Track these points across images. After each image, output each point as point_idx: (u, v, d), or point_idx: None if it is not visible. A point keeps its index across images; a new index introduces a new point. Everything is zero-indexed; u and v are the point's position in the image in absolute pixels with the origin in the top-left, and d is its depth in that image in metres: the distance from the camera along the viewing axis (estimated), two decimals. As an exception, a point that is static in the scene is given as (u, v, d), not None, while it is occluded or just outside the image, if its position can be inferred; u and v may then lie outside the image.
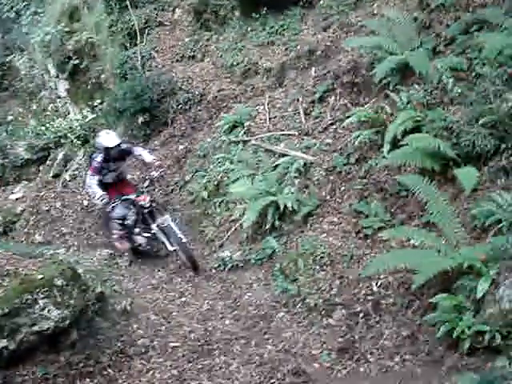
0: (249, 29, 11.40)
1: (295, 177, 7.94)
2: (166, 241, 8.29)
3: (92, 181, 8.45)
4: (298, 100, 9.18)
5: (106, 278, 7.09)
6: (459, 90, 7.08)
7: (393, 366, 5.44)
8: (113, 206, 8.58)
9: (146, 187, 8.73)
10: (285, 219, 7.73)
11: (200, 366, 5.77)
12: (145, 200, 8.37)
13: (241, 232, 8.24)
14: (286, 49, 10.46)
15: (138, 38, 12.41)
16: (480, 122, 6.52)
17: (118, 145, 8.46)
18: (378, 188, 7.17)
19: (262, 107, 9.65)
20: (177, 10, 12.77)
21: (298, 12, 10.99)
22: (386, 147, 7.19)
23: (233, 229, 8.47)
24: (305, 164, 8.09)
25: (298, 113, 9.00)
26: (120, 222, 8.62)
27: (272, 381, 5.44)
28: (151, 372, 5.66)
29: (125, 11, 12.75)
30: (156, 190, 10.18)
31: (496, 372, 3.95)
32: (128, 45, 12.55)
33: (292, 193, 7.73)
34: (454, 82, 7.14)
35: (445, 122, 6.78)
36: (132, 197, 8.51)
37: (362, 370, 5.47)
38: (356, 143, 7.71)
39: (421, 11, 8.56)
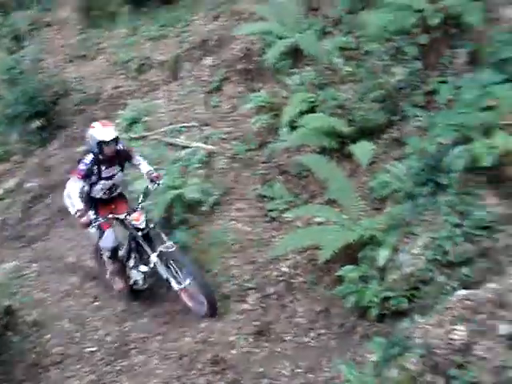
0: (140, 23, 11.25)
1: (198, 168, 7.91)
2: (170, 276, 6.34)
3: (74, 185, 6.22)
4: (194, 91, 9.14)
5: (14, 291, 6.82)
6: (349, 69, 7.30)
7: (308, 341, 5.57)
8: (100, 231, 6.53)
9: (139, 204, 6.50)
10: (192, 211, 7.69)
11: (119, 368, 5.69)
12: (138, 220, 6.31)
13: (150, 229, 8.11)
14: (179, 41, 10.37)
15: (26, 41, 11.94)
16: (371, 97, 6.75)
17: (116, 140, 6.31)
18: (280, 171, 7.28)
19: (159, 101, 9.53)
20: (64, 8, 12.40)
21: (188, 3, 10.94)
22: (284, 130, 7.31)
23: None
24: (207, 154, 8.07)
25: (196, 104, 8.96)
26: (110, 253, 6.70)
27: (193, 372, 5.43)
28: (69, 380, 5.53)
29: (8, 14, 12.26)
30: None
31: (401, 333, 4.11)
32: (15, 48, 12.05)
33: (196, 184, 7.70)
34: (343, 61, 7.35)
35: (337, 100, 6.97)
36: (121, 216, 6.43)
37: (278, 349, 5.54)
38: (255, 129, 7.79)
39: (306, -6, 8.72)
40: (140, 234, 6.40)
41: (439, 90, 5.97)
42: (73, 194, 6.21)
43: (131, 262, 6.80)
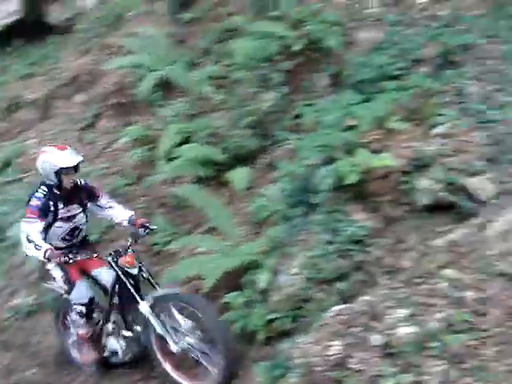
0: (7, 63, 10.89)
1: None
2: (166, 335, 5.10)
3: (32, 227, 4.99)
4: (67, 129, 8.95)
5: None
6: (220, 97, 7.42)
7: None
8: (68, 284, 5.38)
9: (129, 245, 5.30)
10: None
11: None
12: (132, 263, 5.19)
13: (30, 275, 7.79)
14: (50, 78, 10.15)
15: None
16: (242, 124, 6.90)
17: (76, 167, 5.12)
18: (160, 203, 7.23)
19: (31, 141, 9.23)
20: None
21: (57, 40, 10.74)
22: (161, 162, 7.29)
23: (21, 274, 7.96)
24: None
25: (70, 141, 8.74)
26: (84, 310, 5.43)
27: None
28: None
29: None
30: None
31: (283, 354, 4.18)
32: None
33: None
34: (214, 90, 7.47)
35: (211, 129, 7.06)
36: (109, 258, 5.24)
37: None
38: (132, 162, 7.72)
39: (174, 27, 8.81)
40: (131, 281, 5.23)
41: (305, 113, 6.19)
42: (33, 235, 4.94)
43: (109, 327, 5.55)
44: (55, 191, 5.17)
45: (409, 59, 5.93)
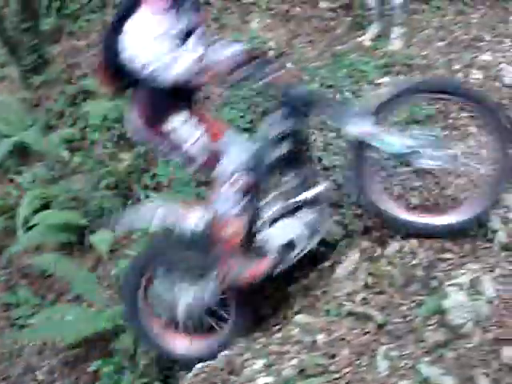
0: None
1: None
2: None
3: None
4: None
5: None
6: (78, 160, 7.32)
7: None
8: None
9: None
10: None
11: None
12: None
13: None
14: None
15: None
16: (103, 185, 6.83)
17: None
18: (22, 274, 6.95)
19: None
20: None
21: None
22: (20, 231, 7.02)
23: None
24: None
25: None
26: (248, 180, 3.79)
27: None
28: None
29: None
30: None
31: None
32: None
33: None
34: (70, 153, 7.36)
35: (71, 193, 6.93)
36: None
37: None
38: (-10, 233, 7.38)
39: (27, 91, 8.62)
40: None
41: (161, 170, 6.24)
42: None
43: (272, 208, 3.85)
44: None
45: (258, 112, 6.16)
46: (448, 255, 4.01)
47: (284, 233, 3.90)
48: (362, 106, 4.09)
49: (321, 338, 3.78)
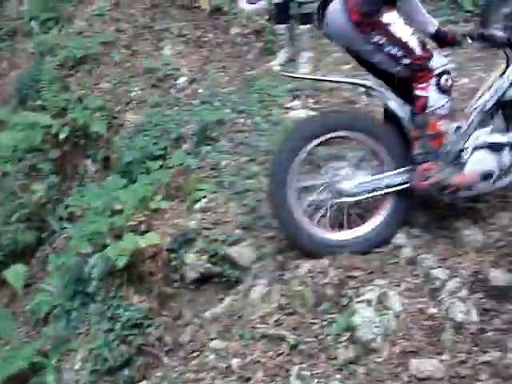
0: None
1: None
2: None
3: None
4: None
5: None
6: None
7: None
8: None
9: None
10: None
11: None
12: None
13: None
14: None
15: None
16: (15, 218, 6.66)
17: None
18: None
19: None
20: None
21: None
22: None
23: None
24: None
25: None
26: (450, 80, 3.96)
27: None
28: None
29: None
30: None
31: None
32: None
33: None
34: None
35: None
36: None
37: None
38: None
39: None
40: None
41: (75, 200, 6.14)
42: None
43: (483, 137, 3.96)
44: None
45: (171, 138, 6.20)
46: (357, 273, 4.14)
47: (485, 162, 3.94)
48: None
49: (235, 362, 3.81)
